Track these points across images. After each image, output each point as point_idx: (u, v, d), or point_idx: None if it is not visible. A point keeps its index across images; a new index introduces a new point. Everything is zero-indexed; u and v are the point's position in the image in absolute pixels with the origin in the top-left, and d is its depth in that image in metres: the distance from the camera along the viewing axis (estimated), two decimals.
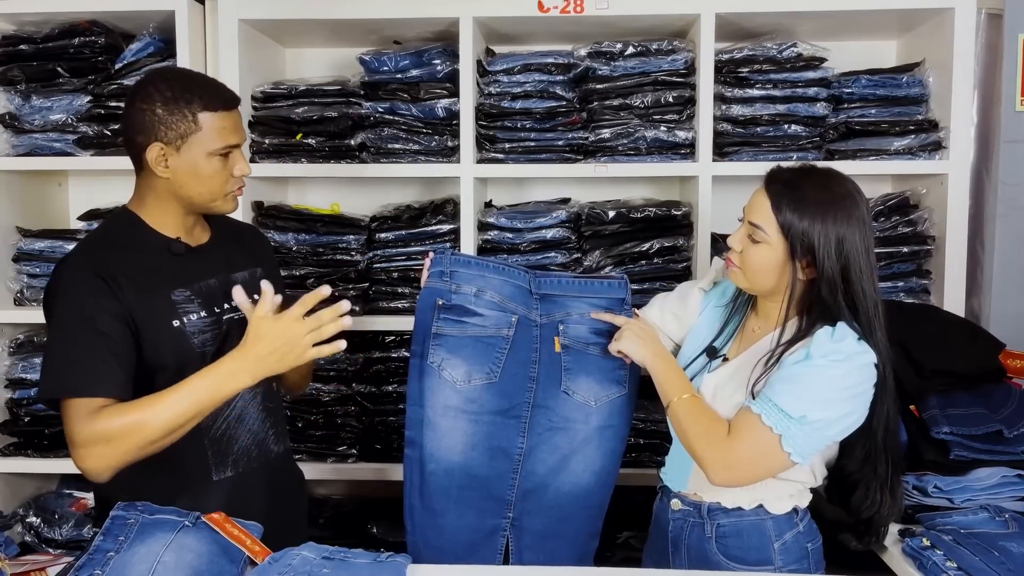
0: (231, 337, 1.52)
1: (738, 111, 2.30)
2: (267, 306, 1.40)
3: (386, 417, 2.41)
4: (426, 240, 2.40)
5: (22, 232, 2.49)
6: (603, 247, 2.35)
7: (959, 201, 2.24)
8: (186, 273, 1.52)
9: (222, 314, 1.54)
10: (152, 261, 1.49)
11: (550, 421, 1.61)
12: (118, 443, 1.33)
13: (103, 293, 1.40)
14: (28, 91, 2.42)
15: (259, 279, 1.57)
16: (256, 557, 1.31)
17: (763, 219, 1.45)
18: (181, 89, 1.46)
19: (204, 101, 1.46)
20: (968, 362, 1.90)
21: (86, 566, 1.25)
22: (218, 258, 1.59)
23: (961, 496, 1.66)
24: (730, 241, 1.51)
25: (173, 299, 1.48)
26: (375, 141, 2.38)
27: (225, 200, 1.53)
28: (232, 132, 1.49)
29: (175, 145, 1.45)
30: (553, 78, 2.34)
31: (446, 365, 1.61)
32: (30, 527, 2.44)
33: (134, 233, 1.51)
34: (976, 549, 1.44)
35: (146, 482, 1.44)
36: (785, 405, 1.36)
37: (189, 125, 1.45)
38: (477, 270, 1.62)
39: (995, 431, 1.75)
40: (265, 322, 1.40)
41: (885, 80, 2.33)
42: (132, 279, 1.44)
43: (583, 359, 1.64)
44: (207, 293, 1.53)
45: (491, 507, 1.63)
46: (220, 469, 1.53)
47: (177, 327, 1.47)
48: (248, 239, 1.74)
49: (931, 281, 2.32)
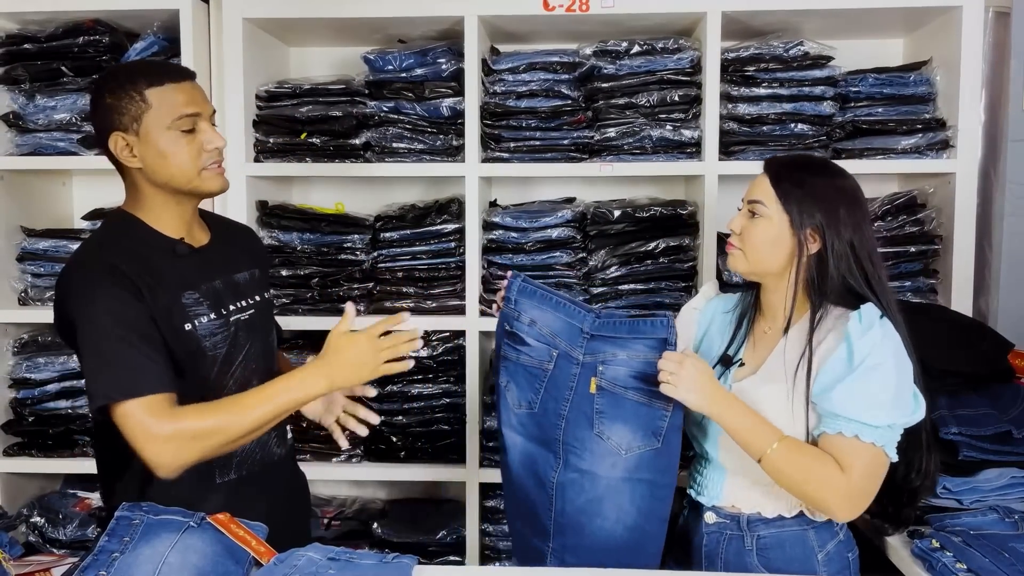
0: (239, 338, 1.53)
1: (744, 110, 2.29)
2: (348, 324, 1.47)
3: (391, 418, 2.40)
4: (431, 240, 2.39)
5: (26, 231, 2.49)
6: (608, 247, 2.35)
7: (967, 200, 2.23)
8: (193, 275, 1.50)
9: (229, 315, 1.53)
10: (158, 263, 1.47)
11: (579, 460, 1.54)
12: (203, 441, 1.36)
13: (129, 293, 1.40)
14: (32, 90, 2.41)
15: (258, 280, 1.63)
16: (261, 558, 1.31)
17: (762, 194, 1.48)
18: (125, 74, 1.46)
19: (148, 78, 1.43)
20: (976, 362, 1.89)
21: (91, 567, 1.25)
22: (220, 259, 1.58)
23: (970, 497, 1.65)
24: (731, 225, 1.53)
25: (183, 302, 1.47)
26: (379, 140, 2.37)
27: (204, 176, 1.48)
28: (187, 103, 1.45)
29: (133, 130, 1.44)
30: (558, 77, 2.33)
31: (509, 387, 1.64)
32: (34, 527, 2.44)
33: (136, 234, 1.49)
34: (986, 550, 1.43)
35: (151, 484, 1.44)
36: (872, 419, 1.36)
37: (139, 105, 1.43)
38: (537, 301, 1.61)
39: (1004, 431, 1.74)
40: (344, 337, 1.46)
41: (892, 79, 2.32)
42: (144, 281, 1.42)
43: (619, 403, 1.53)
44: (214, 294, 1.52)
45: (539, 530, 1.61)
46: (224, 472, 1.53)
47: (189, 330, 1.46)
48: (244, 239, 1.73)
49: (938, 281, 2.31)
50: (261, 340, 1.60)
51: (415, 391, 2.40)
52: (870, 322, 1.39)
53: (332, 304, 2.40)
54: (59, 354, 2.42)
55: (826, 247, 1.44)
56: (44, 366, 2.42)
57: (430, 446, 2.42)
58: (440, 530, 2.45)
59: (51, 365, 2.42)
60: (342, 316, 1.50)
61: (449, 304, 2.39)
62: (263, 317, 1.63)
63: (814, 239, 1.45)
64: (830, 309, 1.46)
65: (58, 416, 2.43)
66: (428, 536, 2.43)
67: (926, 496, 1.58)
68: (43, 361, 2.42)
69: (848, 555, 1.52)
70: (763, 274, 1.52)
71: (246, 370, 1.56)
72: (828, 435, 1.39)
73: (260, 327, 1.60)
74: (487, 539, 2.43)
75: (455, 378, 2.41)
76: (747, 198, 1.51)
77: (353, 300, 2.38)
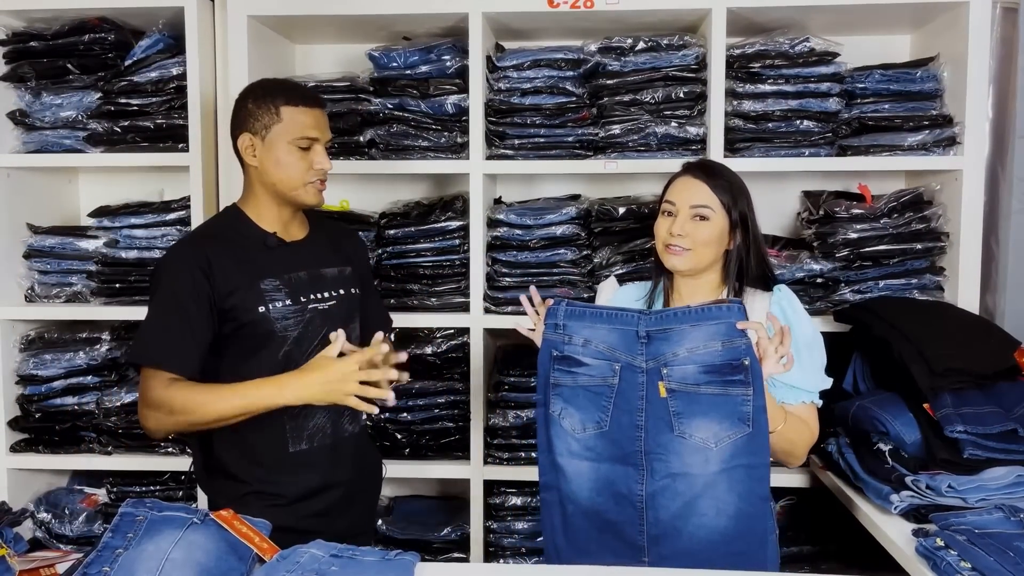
0: (313, 323, 1.71)
1: (749, 107, 2.28)
2: (334, 350, 1.60)
3: (395, 414, 2.41)
4: (435, 237, 2.39)
5: (33, 229, 2.50)
6: (613, 244, 2.34)
7: (974, 197, 2.21)
8: (277, 265, 1.70)
9: (307, 303, 1.71)
10: (247, 253, 1.69)
11: (668, 467, 1.53)
12: (176, 416, 1.58)
13: (196, 280, 1.61)
14: (38, 88, 2.42)
15: (347, 277, 1.82)
16: (264, 555, 1.31)
17: (706, 199, 1.67)
18: (270, 87, 1.71)
19: (287, 97, 1.68)
20: (982, 360, 1.88)
21: (95, 563, 1.25)
22: (310, 253, 1.77)
23: (975, 495, 1.64)
24: (677, 230, 1.67)
25: (262, 288, 1.66)
26: (384, 138, 2.37)
27: (306, 190, 1.70)
28: (311, 127, 1.68)
29: (261, 135, 1.67)
30: (563, 74, 2.33)
31: (564, 414, 1.61)
32: (40, 523, 2.46)
33: (236, 227, 1.73)
34: (991, 549, 1.42)
35: (229, 448, 1.69)
36: (821, 385, 1.68)
37: (272, 117, 1.66)
38: (588, 320, 1.59)
39: (1010, 430, 1.73)
40: (326, 359, 1.60)
41: (899, 75, 2.31)
42: (226, 268, 1.64)
43: (694, 401, 1.52)
44: (295, 283, 1.70)
45: (626, 551, 1.58)
46: (296, 442, 1.70)
47: (263, 312, 1.65)
48: (343, 240, 1.90)
49: (945, 278, 2.30)
50: (339, 328, 1.70)
51: (419, 388, 2.41)
52: (793, 299, 1.68)
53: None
54: (65, 351, 2.43)
55: (748, 237, 1.69)
56: (51, 363, 2.43)
57: (434, 443, 2.42)
58: (444, 527, 2.45)
59: (57, 362, 2.42)
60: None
61: (453, 301, 2.39)
62: (345, 308, 1.78)
63: (737, 234, 1.69)
64: (748, 290, 1.71)
65: (64, 412, 2.44)
66: (432, 533, 2.44)
67: None
68: (49, 358, 2.43)
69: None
70: (701, 269, 1.71)
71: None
72: (793, 404, 1.65)
73: (339, 317, 1.76)
74: (491, 536, 2.43)
75: (460, 375, 2.41)
76: (687, 203, 1.68)
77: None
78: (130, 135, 2.40)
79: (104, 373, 2.43)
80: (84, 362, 2.42)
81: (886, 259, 2.28)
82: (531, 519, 2.42)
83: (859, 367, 2.15)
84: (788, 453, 1.67)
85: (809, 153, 2.29)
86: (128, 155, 2.40)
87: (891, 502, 1.69)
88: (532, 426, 2.35)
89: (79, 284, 2.46)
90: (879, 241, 2.27)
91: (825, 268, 2.28)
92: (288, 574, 1.25)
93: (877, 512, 1.75)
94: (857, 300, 2.27)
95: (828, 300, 2.30)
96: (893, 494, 1.69)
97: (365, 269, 1.96)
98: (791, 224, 2.57)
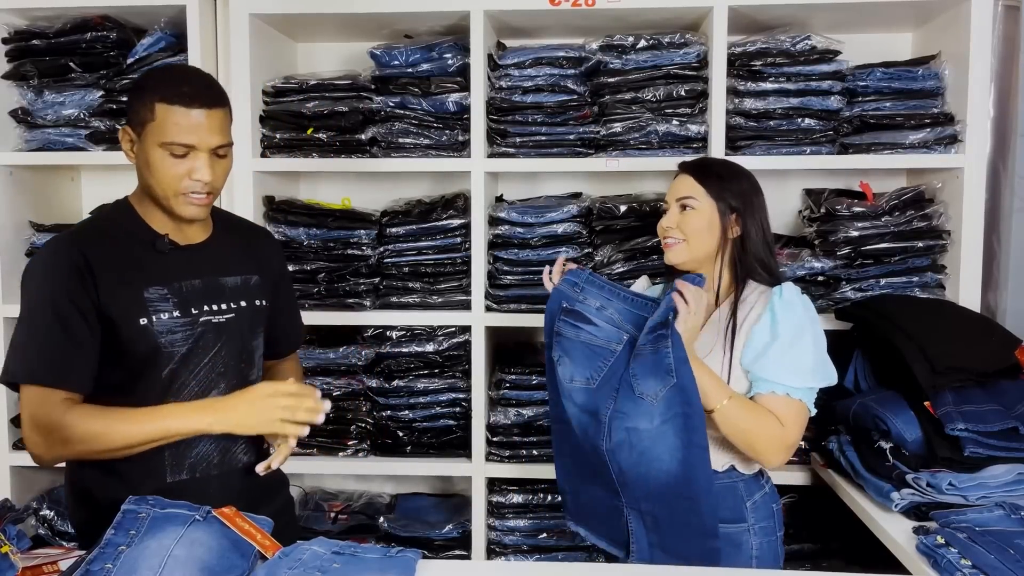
0: (205, 338, 1.53)
1: (751, 105, 2.28)
2: (269, 386, 1.48)
3: (397, 412, 2.41)
4: (437, 235, 2.39)
5: (35, 227, 2.51)
6: (614, 242, 2.35)
7: (975, 195, 2.21)
8: (166, 271, 1.51)
9: (199, 315, 1.52)
10: (133, 256, 1.49)
11: (624, 424, 1.60)
12: (75, 445, 1.40)
13: (77, 284, 1.42)
14: (40, 86, 2.43)
15: (252, 287, 1.61)
16: (266, 551, 1.31)
17: (690, 190, 1.72)
18: (155, 79, 1.48)
19: (163, 92, 1.44)
20: (984, 358, 1.88)
21: (97, 559, 1.26)
22: (208, 259, 1.57)
23: (976, 493, 1.64)
24: (664, 223, 1.74)
25: (145, 296, 1.47)
26: (386, 136, 2.37)
27: (178, 201, 1.47)
28: (186, 131, 1.43)
29: (137, 131, 1.48)
30: (564, 72, 2.33)
31: (561, 361, 1.69)
32: (43, 520, 2.46)
33: (124, 224, 1.53)
34: (991, 547, 1.43)
35: (103, 477, 1.49)
36: (799, 383, 1.60)
37: (147, 113, 1.44)
38: (607, 293, 1.66)
39: (1011, 428, 1.73)
40: (256, 386, 1.49)
41: (900, 73, 2.30)
42: (108, 272, 1.45)
43: (643, 359, 1.58)
44: (186, 293, 1.52)
45: (607, 488, 1.68)
46: (175, 471, 1.53)
47: (143, 325, 1.46)
48: (254, 244, 1.70)
49: (946, 276, 2.29)
50: (237, 345, 1.58)
51: (421, 386, 2.41)
52: (791, 297, 1.65)
53: (339, 299, 2.40)
54: None
55: (745, 231, 1.70)
56: None
57: (436, 441, 2.42)
58: (446, 525, 2.45)
59: None
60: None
61: (455, 299, 2.39)
62: (246, 322, 1.60)
63: (736, 225, 1.70)
64: (752, 285, 1.70)
65: None
66: (434, 531, 2.44)
67: None
68: None
69: (773, 506, 1.72)
70: (701, 260, 1.72)
71: (212, 372, 1.55)
72: (763, 395, 1.62)
73: (238, 332, 1.58)
74: (493, 534, 2.43)
75: (461, 373, 2.42)
76: (674, 197, 1.73)
77: (359, 295, 2.39)
78: None
79: None
80: None
81: (887, 257, 2.28)
82: (533, 516, 2.42)
83: (860, 365, 2.15)
84: (748, 445, 1.59)
85: (810, 151, 2.29)
86: None
87: (892, 500, 1.69)
88: (533, 424, 2.35)
89: None
90: (880, 239, 2.27)
91: (826, 266, 2.28)
92: (290, 571, 1.26)
93: (878, 510, 1.75)
94: (858, 298, 2.27)
95: (829, 298, 2.30)
96: (894, 492, 1.70)
97: (280, 276, 1.75)
98: (792, 222, 2.57)
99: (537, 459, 2.36)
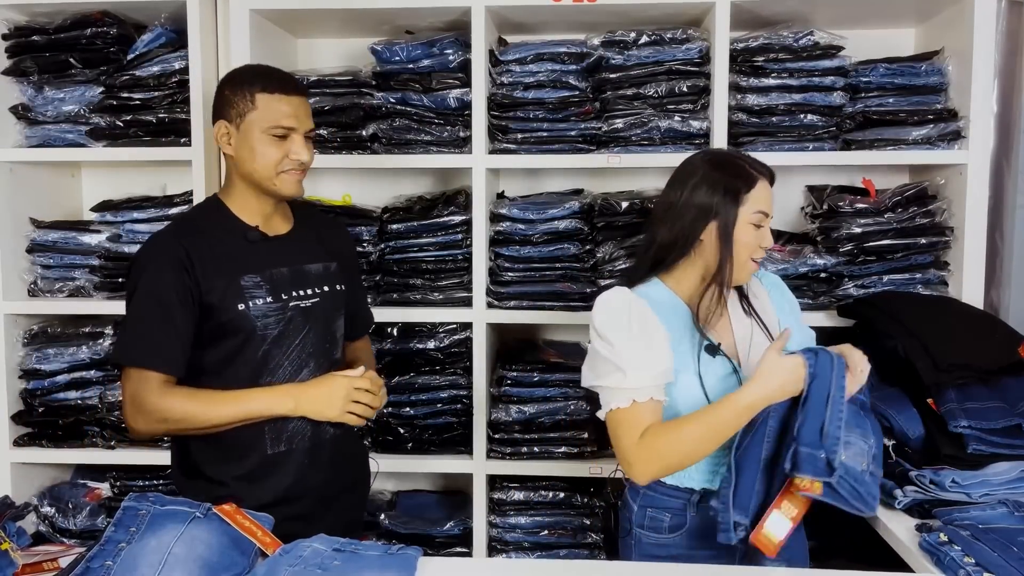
0: (294, 322, 1.67)
1: (753, 101, 2.27)
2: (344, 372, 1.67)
3: (398, 409, 2.40)
4: (438, 231, 2.39)
5: (36, 223, 2.50)
6: (616, 238, 2.34)
7: (978, 192, 2.21)
8: (259, 260, 1.66)
9: (288, 301, 1.67)
10: (227, 247, 1.64)
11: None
12: (170, 424, 1.59)
13: (178, 276, 1.58)
14: (41, 82, 2.42)
15: (332, 273, 1.77)
16: (267, 548, 1.31)
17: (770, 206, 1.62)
18: (247, 73, 1.68)
19: (263, 84, 1.63)
20: (987, 355, 1.87)
21: (97, 556, 1.25)
22: (294, 248, 1.72)
23: (979, 491, 1.63)
24: (764, 244, 1.58)
25: (242, 284, 1.62)
26: (387, 132, 2.37)
27: (281, 179, 1.65)
28: (286, 116, 1.63)
29: (236, 123, 1.63)
30: (566, 67, 2.32)
31: None
32: (44, 517, 2.46)
33: (216, 219, 1.68)
34: (994, 544, 1.42)
35: (212, 452, 1.64)
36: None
37: (247, 104, 1.62)
38: None
39: (1014, 425, 1.72)
40: (329, 376, 1.67)
41: (903, 69, 2.30)
42: (206, 263, 1.60)
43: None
44: (276, 280, 1.66)
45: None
46: (275, 444, 1.66)
47: (242, 310, 1.61)
48: (329, 234, 1.85)
49: (949, 273, 2.29)
50: (322, 327, 1.73)
51: (422, 383, 2.40)
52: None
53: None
54: (68, 345, 2.43)
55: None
56: (54, 357, 2.43)
57: (437, 437, 2.42)
58: (447, 522, 2.45)
59: (61, 356, 2.43)
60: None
61: (456, 296, 2.39)
62: (329, 306, 1.75)
63: None
64: None
65: (68, 407, 2.44)
66: (435, 528, 2.44)
67: None
68: (53, 352, 2.43)
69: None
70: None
71: (302, 353, 1.69)
72: None
73: (323, 315, 1.73)
74: (494, 531, 2.43)
75: (462, 370, 2.41)
76: (765, 210, 1.57)
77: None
78: (132, 129, 2.40)
79: (107, 367, 2.42)
80: (87, 356, 2.42)
81: (890, 254, 2.27)
82: (533, 513, 2.42)
83: None
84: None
85: (813, 147, 2.28)
86: (130, 149, 2.40)
87: (895, 497, 1.68)
88: (534, 421, 2.35)
89: (82, 278, 2.46)
90: (883, 236, 2.26)
91: (829, 263, 2.27)
92: (290, 568, 1.25)
93: (881, 507, 1.74)
94: (861, 295, 2.26)
95: (832, 295, 2.29)
96: (897, 489, 1.69)
97: (352, 264, 1.92)
98: (795, 219, 2.56)
99: (538, 456, 2.36)
